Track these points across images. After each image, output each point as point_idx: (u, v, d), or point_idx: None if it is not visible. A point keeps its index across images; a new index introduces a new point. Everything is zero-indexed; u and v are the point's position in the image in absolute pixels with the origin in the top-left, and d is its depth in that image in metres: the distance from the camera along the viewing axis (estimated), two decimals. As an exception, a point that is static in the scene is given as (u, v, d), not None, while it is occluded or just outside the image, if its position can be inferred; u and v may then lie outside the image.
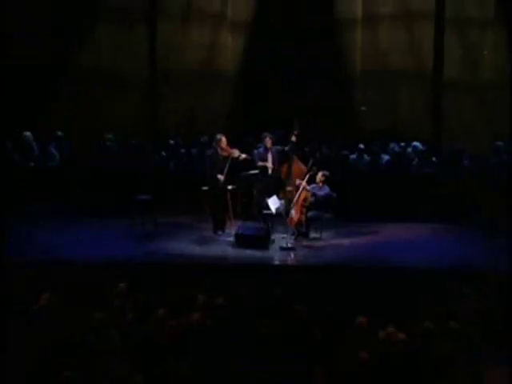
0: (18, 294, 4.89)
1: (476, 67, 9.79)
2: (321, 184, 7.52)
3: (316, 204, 7.49)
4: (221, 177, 7.53)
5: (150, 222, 7.71)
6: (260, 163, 7.81)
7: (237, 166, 7.84)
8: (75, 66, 9.80)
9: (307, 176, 7.39)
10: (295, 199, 7.29)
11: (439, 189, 8.42)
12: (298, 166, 7.55)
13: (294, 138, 7.46)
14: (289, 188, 7.59)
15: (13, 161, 8.64)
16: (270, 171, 7.75)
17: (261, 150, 7.91)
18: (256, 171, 7.94)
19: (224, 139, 7.66)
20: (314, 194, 7.45)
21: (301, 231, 7.46)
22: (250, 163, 7.97)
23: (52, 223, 7.78)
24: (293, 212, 7.25)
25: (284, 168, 7.63)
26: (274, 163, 7.75)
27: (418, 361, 3.70)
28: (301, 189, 7.32)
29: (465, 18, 9.75)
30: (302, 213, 7.37)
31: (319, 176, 7.50)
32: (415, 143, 9.03)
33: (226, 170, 7.53)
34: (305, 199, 7.39)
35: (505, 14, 9.47)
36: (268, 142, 7.79)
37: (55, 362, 3.71)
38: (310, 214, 7.45)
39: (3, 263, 5.99)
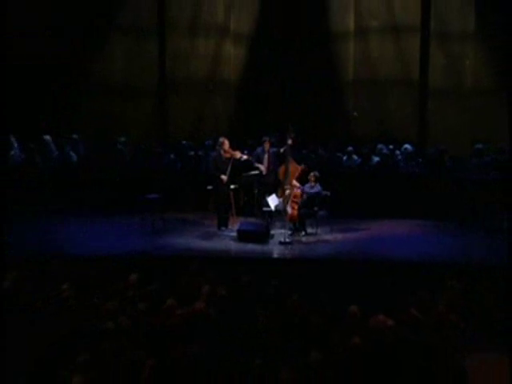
0: (39, 286, 4.87)
1: (458, 76, 9.80)
2: (313, 183, 7.54)
3: (308, 201, 7.50)
4: (224, 177, 7.51)
5: (158, 219, 7.70)
6: (256, 165, 7.86)
7: (239, 167, 7.83)
8: (91, 76, 9.82)
9: (298, 176, 7.45)
10: (292, 196, 7.32)
11: (425, 187, 8.40)
12: (294, 166, 7.57)
13: (290, 141, 7.47)
14: (286, 187, 7.60)
15: (35, 161, 8.69)
16: (263, 172, 7.80)
17: (259, 151, 7.94)
18: (256, 172, 7.96)
19: (226, 142, 7.65)
20: (304, 192, 7.47)
21: (297, 227, 7.46)
22: (250, 164, 8.00)
23: (69, 220, 7.78)
24: (288, 209, 7.26)
25: (282, 169, 7.63)
26: (269, 164, 7.81)
27: (405, 345, 3.69)
28: (292, 187, 7.34)
29: (448, 31, 9.76)
30: (294, 209, 7.37)
31: (310, 176, 7.53)
32: (406, 145, 9.06)
33: (228, 171, 7.53)
34: (295, 196, 7.41)
35: (484, 28, 9.49)
36: (267, 145, 7.84)
37: (72, 347, 3.70)
38: (302, 210, 7.44)
39: (23, 257, 6.02)
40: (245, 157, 7.75)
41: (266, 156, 7.85)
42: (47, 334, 3.87)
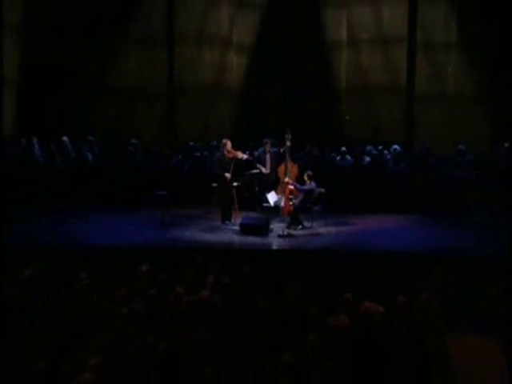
0: (60, 274, 4.86)
1: (442, 83, 9.79)
2: (308, 181, 7.51)
3: (304, 197, 7.48)
4: (227, 175, 7.50)
5: (167, 214, 7.68)
6: (258, 165, 7.85)
7: (241, 166, 7.81)
8: (107, 83, 9.80)
9: (296, 175, 7.44)
10: (287, 193, 7.32)
11: (412, 185, 8.39)
12: (293, 166, 7.56)
13: (288, 143, 7.46)
14: (284, 184, 7.59)
15: (55, 161, 8.68)
16: (265, 171, 7.80)
17: (260, 152, 7.95)
18: (257, 171, 7.95)
19: (229, 143, 7.64)
20: (297, 188, 7.43)
21: (294, 221, 7.45)
22: (252, 163, 7.98)
23: (85, 215, 7.77)
24: (282, 204, 7.26)
25: (281, 168, 7.62)
26: (270, 164, 7.81)
27: (393, 328, 3.68)
28: (286, 184, 7.34)
29: (432, 42, 9.76)
30: (289, 205, 7.35)
31: (305, 175, 7.50)
32: (395, 146, 9.06)
33: (231, 170, 7.51)
34: (290, 192, 7.38)
35: (465, 39, 9.47)
36: (268, 146, 7.85)
37: (89, 330, 3.70)
38: (297, 205, 7.41)
39: (45, 248, 6.02)
40: (245, 156, 7.74)
41: (267, 156, 7.86)
42: (67, 317, 3.86)
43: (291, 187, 7.40)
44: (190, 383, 3.08)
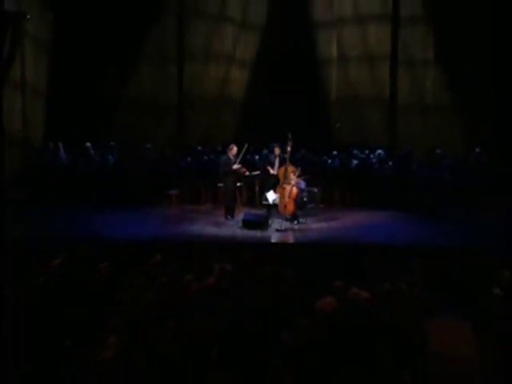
0: (84, 264, 4.84)
1: (421, 95, 9.73)
2: (296, 179, 7.44)
3: (302, 196, 7.46)
4: (236, 166, 7.40)
5: (177, 210, 7.67)
6: (268, 167, 7.74)
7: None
8: (124, 95, 9.78)
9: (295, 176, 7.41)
10: (288, 194, 7.22)
11: (394, 185, 8.37)
12: (292, 169, 7.54)
13: (289, 148, 7.41)
14: (284, 185, 7.56)
15: (78, 163, 8.68)
16: (272, 172, 7.69)
17: (271, 157, 7.81)
18: (258, 172, 7.91)
19: (235, 148, 7.56)
20: (300, 190, 7.41)
21: (291, 218, 7.42)
22: (253, 166, 7.96)
23: (106, 211, 7.75)
24: (287, 204, 7.17)
25: (281, 170, 7.59)
26: (279, 166, 7.63)
27: (377, 312, 3.66)
28: (294, 186, 7.27)
29: (412, 58, 9.70)
30: (292, 204, 7.31)
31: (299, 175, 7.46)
32: (379, 151, 9.03)
33: (236, 165, 7.43)
34: (296, 195, 7.30)
35: (442, 56, 9.42)
36: (277, 150, 7.66)
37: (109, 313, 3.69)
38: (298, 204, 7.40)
39: (71, 241, 6.01)
40: (247, 173, 7.69)
41: (277, 160, 7.66)
42: (89, 301, 3.85)
43: (296, 190, 7.31)
44: (197, 360, 3.05)
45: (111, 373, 2.80)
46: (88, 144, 8.84)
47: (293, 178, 7.28)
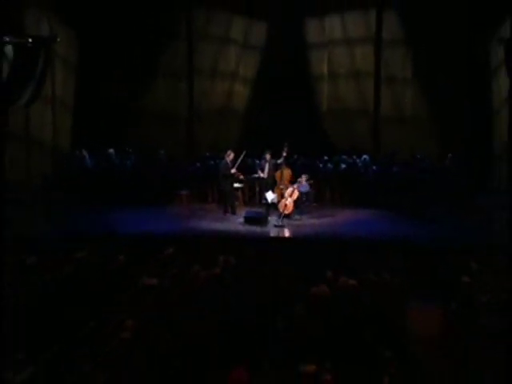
0: (104, 256, 4.83)
1: (401, 108, 9.70)
2: (303, 183, 7.47)
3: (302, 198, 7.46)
4: (233, 170, 7.47)
5: (187, 208, 7.67)
6: (259, 172, 7.82)
7: (244, 171, 7.78)
8: (141, 107, 9.77)
9: (290, 178, 7.42)
10: (288, 195, 7.22)
11: (377, 186, 8.36)
12: (288, 172, 7.54)
13: (284, 154, 7.43)
14: (281, 187, 7.56)
15: (102, 168, 8.68)
16: (265, 176, 7.76)
17: (262, 161, 7.91)
18: (257, 175, 7.94)
19: (232, 154, 7.60)
20: (300, 192, 7.39)
21: (288, 215, 7.41)
22: (253, 170, 7.96)
23: (124, 209, 7.72)
24: (288, 203, 7.17)
25: (278, 174, 7.60)
26: (268, 171, 7.76)
27: (361, 297, 3.65)
28: (295, 189, 7.28)
29: (393, 76, 9.68)
30: (292, 205, 7.30)
31: (302, 178, 7.49)
32: (364, 156, 9.03)
33: (234, 169, 7.46)
34: (298, 198, 7.32)
35: (418, 74, 9.42)
36: (267, 156, 7.80)
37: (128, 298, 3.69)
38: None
39: (93, 235, 6.01)
40: (241, 177, 7.74)
41: (266, 165, 7.80)
42: (109, 288, 3.85)
43: (297, 193, 7.29)
44: (204, 339, 3.04)
45: (128, 351, 2.79)
46: (111, 150, 8.85)
47: (299, 181, 7.32)
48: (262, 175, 7.84)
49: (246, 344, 2.82)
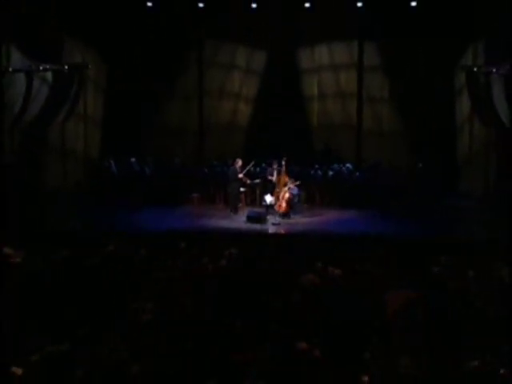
0: (127, 250, 4.80)
1: (379, 123, 9.69)
2: (293, 186, 7.47)
3: (294, 199, 7.45)
4: (240, 175, 7.50)
5: (198, 209, 7.66)
6: (269, 177, 7.85)
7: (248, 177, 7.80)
8: (158, 123, 9.74)
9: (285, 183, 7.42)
10: (282, 197, 7.27)
11: (361, 190, 8.35)
12: (285, 178, 7.53)
13: (283, 163, 7.44)
14: (277, 190, 7.55)
15: (125, 173, 8.67)
16: (273, 180, 7.75)
17: (270, 169, 7.95)
18: (258, 181, 7.94)
19: (240, 162, 7.64)
20: (292, 195, 7.41)
21: (284, 215, 7.40)
22: (254, 176, 7.97)
23: (143, 210, 7.70)
24: (281, 204, 7.21)
25: (278, 179, 7.60)
26: (275, 177, 7.77)
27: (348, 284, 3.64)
28: (287, 191, 7.31)
29: (372, 96, 9.67)
30: (286, 205, 7.33)
31: (293, 182, 7.49)
32: (348, 165, 9.03)
33: (241, 175, 7.49)
34: (289, 198, 7.34)
35: (394, 95, 9.44)
36: (274, 164, 7.82)
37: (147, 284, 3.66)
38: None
39: (116, 232, 6.00)
40: (248, 181, 7.76)
41: (275, 172, 7.78)
42: (131, 277, 3.83)
43: (290, 195, 7.31)
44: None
45: (149, 330, 2.79)
46: (133, 159, 8.86)
47: (288, 185, 7.29)
48: (271, 178, 7.82)
49: (247, 324, 2.81)
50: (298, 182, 7.50)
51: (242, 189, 7.76)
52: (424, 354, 2.40)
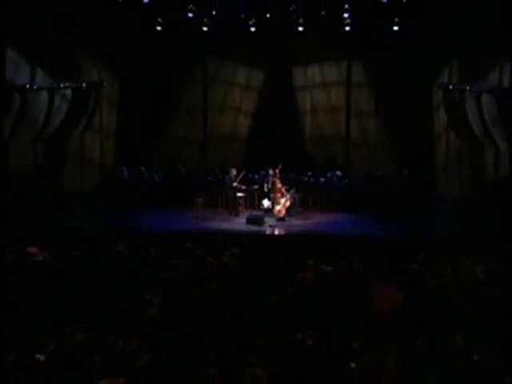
0: (137, 249, 4.78)
1: (366, 135, 9.74)
2: (293, 194, 7.54)
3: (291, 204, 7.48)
4: (235, 184, 7.54)
5: (202, 212, 7.65)
6: (266, 183, 7.87)
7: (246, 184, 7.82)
8: (166, 134, 9.78)
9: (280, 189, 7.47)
10: (282, 202, 7.30)
11: (349, 195, 8.38)
12: (279, 185, 7.55)
13: (278, 170, 7.46)
14: (271, 195, 7.57)
15: (136, 180, 8.68)
16: (269, 187, 7.77)
17: (268, 176, 7.95)
18: (256, 187, 7.95)
19: (234, 171, 7.73)
20: (291, 200, 7.42)
21: (282, 218, 7.40)
22: (253, 182, 8.00)
23: (153, 212, 7.71)
24: (280, 208, 7.24)
25: (273, 185, 7.61)
26: (271, 182, 7.77)
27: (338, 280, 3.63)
28: (288, 199, 7.36)
29: (360, 110, 9.73)
30: (284, 210, 7.35)
31: (283, 189, 7.54)
32: (337, 172, 9.06)
33: (236, 181, 7.52)
34: (287, 203, 7.39)
35: (379, 109, 9.50)
36: (271, 171, 7.84)
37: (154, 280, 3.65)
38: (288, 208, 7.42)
39: (127, 233, 5.98)
40: (243, 187, 7.77)
41: (271, 178, 7.81)
42: (140, 273, 3.81)
43: (289, 200, 7.34)
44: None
45: (155, 323, 2.78)
46: (143, 167, 8.89)
47: (287, 193, 7.37)
48: (267, 185, 7.83)
49: (246, 316, 2.81)
50: (293, 191, 7.53)
51: (239, 194, 7.78)
52: (409, 347, 2.39)
